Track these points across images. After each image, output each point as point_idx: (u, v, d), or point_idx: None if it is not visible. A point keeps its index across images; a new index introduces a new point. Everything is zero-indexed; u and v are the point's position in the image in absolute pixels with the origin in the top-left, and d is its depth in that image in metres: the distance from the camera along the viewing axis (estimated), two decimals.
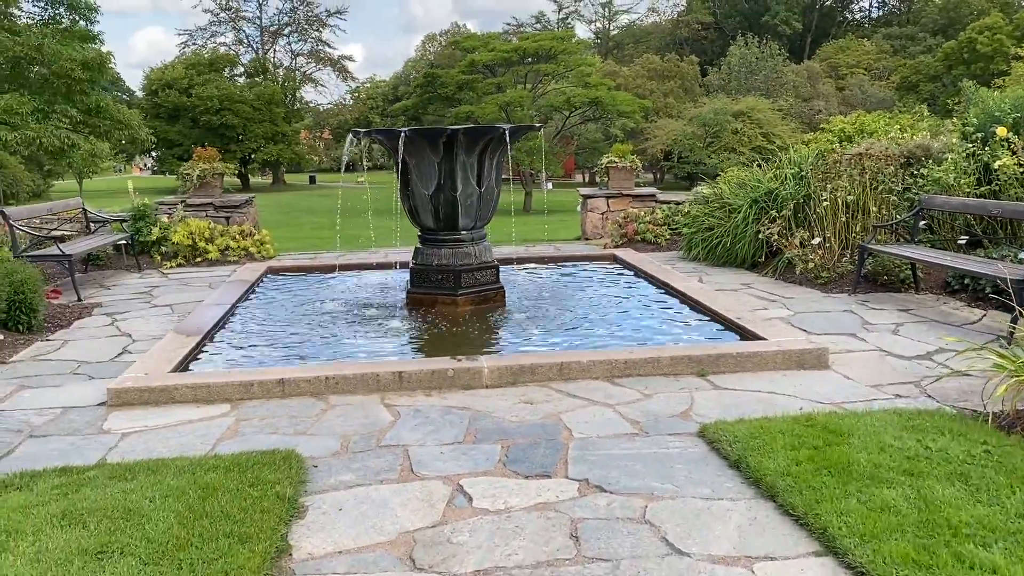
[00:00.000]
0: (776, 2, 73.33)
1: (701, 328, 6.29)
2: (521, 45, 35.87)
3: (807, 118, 52.70)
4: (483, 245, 7.09)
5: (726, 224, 9.32)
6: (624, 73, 58.16)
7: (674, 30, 77.30)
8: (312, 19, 69.69)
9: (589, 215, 13.93)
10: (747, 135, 42.53)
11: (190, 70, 57.48)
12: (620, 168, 14.02)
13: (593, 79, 36.07)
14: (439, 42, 75.55)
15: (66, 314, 7.38)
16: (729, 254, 9.25)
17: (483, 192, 6.85)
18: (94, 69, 21.09)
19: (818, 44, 71.66)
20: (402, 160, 6.77)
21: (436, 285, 6.92)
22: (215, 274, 9.62)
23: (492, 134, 6.60)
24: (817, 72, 60.37)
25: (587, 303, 7.14)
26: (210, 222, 11.02)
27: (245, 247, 10.66)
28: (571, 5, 78.68)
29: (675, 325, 6.40)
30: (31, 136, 19.90)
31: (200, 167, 13.03)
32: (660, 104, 52.81)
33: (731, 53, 61.20)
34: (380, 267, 9.20)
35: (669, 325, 6.40)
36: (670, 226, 11.35)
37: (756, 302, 7.35)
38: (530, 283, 8.26)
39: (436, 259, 6.93)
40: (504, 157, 6.98)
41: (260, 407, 4.72)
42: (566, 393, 4.85)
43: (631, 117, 36.87)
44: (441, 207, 6.80)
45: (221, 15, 68.46)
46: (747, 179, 9.74)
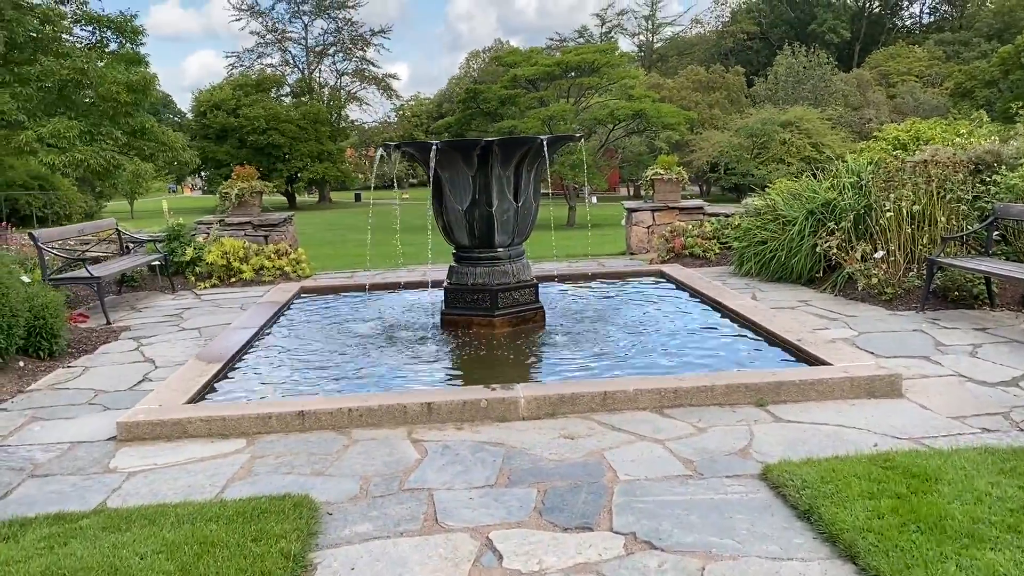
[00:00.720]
0: (823, 10, 72.14)
1: (758, 351, 5.79)
2: (564, 59, 35.51)
3: (857, 127, 51.54)
4: (521, 263, 6.69)
5: (780, 237, 8.79)
6: (668, 85, 57.49)
7: (719, 41, 76.43)
8: (356, 39, 70.30)
9: (634, 229, 13.48)
10: (795, 145, 41.66)
11: (237, 91, 58.36)
12: (666, 180, 13.56)
13: (637, 91, 35.54)
14: (482, 59, 75.75)
15: (92, 338, 7.15)
16: (784, 269, 8.71)
17: (520, 207, 6.46)
18: (139, 91, 21.26)
19: (867, 52, 70.23)
20: (435, 174, 6.42)
21: (472, 306, 6.53)
22: (248, 295, 9.37)
23: (529, 145, 6.21)
24: (867, 80, 59.09)
25: (632, 324, 6.68)
26: (245, 241, 10.80)
27: (280, 266, 10.41)
28: (614, 19, 78.33)
29: (728, 348, 5.90)
30: (79, 158, 20.10)
31: (239, 186, 12.89)
32: (705, 116, 52.04)
33: (778, 63, 60.22)
34: (416, 286, 8.84)
35: (722, 348, 5.91)
36: (719, 240, 10.82)
37: (816, 321, 6.82)
38: (572, 302, 7.83)
39: (471, 278, 6.55)
40: (542, 170, 6.59)
41: (277, 442, 4.36)
42: (610, 426, 4.41)
43: (676, 129, 36.22)
44: (476, 223, 6.42)
45: (268, 36, 69.44)
46: (802, 190, 9.19)
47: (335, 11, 68.97)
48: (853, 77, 59.96)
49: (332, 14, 69.27)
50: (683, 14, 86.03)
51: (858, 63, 67.75)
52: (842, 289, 7.95)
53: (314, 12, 68.99)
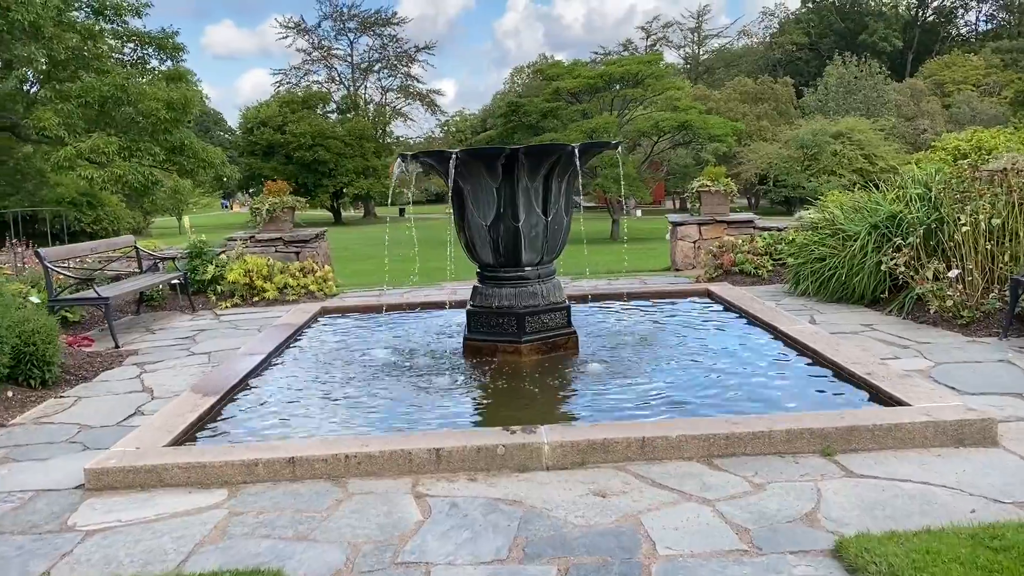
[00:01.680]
0: (874, 20, 70.52)
1: (821, 387, 5.06)
2: (607, 71, 34.82)
3: (911, 138, 50.04)
4: (551, 283, 6.06)
5: (840, 254, 8.01)
6: (715, 97, 56.46)
7: (767, 52, 75.17)
8: (401, 55, 70.61)
9: (679, 244, 12.78)
10: (847, 157, 40.44)
11: (284, 108, 58.96)
12: (713, 192, 12.85)
13: (682, 103, 34.70)
14: (526, 74, 75.45)
15: (94, 364, 6.69)
16: (844, 289, 7.94)
17: (550, 222, 5.83)
18: (178, 109, 21.16)
19: (920, 61, 68.39)
20: (456, 187, 5.83)
21: (496, 330, 5.92)
22: (269, 315, 8.89)
23: (559, 153, 5.59)
24: (921, 90, 57.44)
25: (676, 352, 5.99)
26: (269, 259, 10.34)
27: (305, 285, 9.92)
28: (660, 32, 77.55)
29: (787, 382, 5.18)
30: (117, 174, 20.02)
31: (270, 201, 12.52)
32: (753, 127, 50.92)
33: (828, 73, 58.83)
34: (442, 307, 8.26)
35: (779, 382, 5.19)
36: (772, 256, 10.06)
37: (883, 349, 6.06)
38: (609, 325, 7.15)
39: (496, 300, 5.93)
40: (574, 181, 5.96)
41: (262, 495, 3.78)
42: (649, 481, 3.74)
43: (723, 141, 35.24)
44: (501, 240, 5.81)
45: (314, 54, 70.10)
46: (864, 202, 8.41)
47: (380, 28, 69.42)
48: (906, 87, 58.35)
49: (377, 31, 69.73)
50: (730, 25, 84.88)
51: (911, 72, 66.00)
52: (910, 312, 7.16)
53: (359, 29, 69.50)
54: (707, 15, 78.42)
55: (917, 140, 50.16)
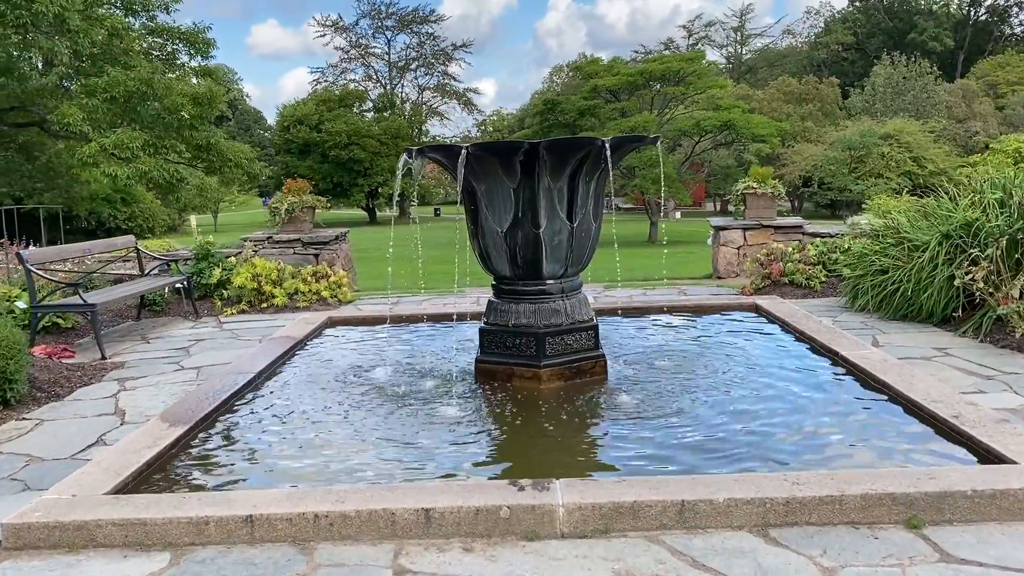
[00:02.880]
0: (924, 19, 68.47)
1: (898, 432, 4.21)
2: (647, 68, 33.88)
3: (962, 140, 48.37)
4: (576, 298, 5.29)
5: (906, 266, 7.12)
6: (758, 96, 55.12)
7: (811, 52, 73.41)
8: (439, 53, 70.21)
9: (722, 249, 11.92)
10: (895, 159, 39.06)
11: (320, 106, 58.98)
12: (759, 195, 11.98)
13: (724, 102, 33.64)
14: (565, 73, 74.60)
15: (72, 379, 6.07)
16: (910, 305, 7.05)
17: (576, 228, 5.07)
18: (204, 104, 20.71)
19: (971, 62, 66.24)
20: (468, 187, 5.10)
21: (512, 352, 5.16)
22: (275, 323, 8.23)
23: (587, 149, 4.82)
24: (973, 91, 55.51)
25: (720, 382, 5.16)
26: (279, 262, 9.69)
27: (317, 290, 9.26)
28: (702, 31, 76.17)
29: (854, 424, 4.34)
30: (143, 170, 19.63)
31: (288, 200, 11.93)
32: (798, 128, 49.55)
33: (876, 73, 57.17)
34: (462, 318, 7.51)
35: (845, 424, 4.35)
36: (825, 266, 9.17)
37: (963, 379, 5.19)
38: (643, 345, 6.34)
39: (512, 317, 5.18)
40: (605, 181, 5.18)
41: (211, 562, 3.08)
42: (689, 560, 2.97)
43: (767, 141, 34.07)
44: (519, 249, 5.05)
45: (351, 52, 69.99)
46: (933, 208, 7.51)
47: (418, 26, 69.09)
48: (957, 88, 56.44)
49: (415, 29, 69.40)
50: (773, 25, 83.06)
51: (962, 73, 63.94)
52: (989, 334, 6.26)
53: (397, 27, 69.22)
54: (750, 14, 76.83)
55: (968, 143, 48.49)
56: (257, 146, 78.68)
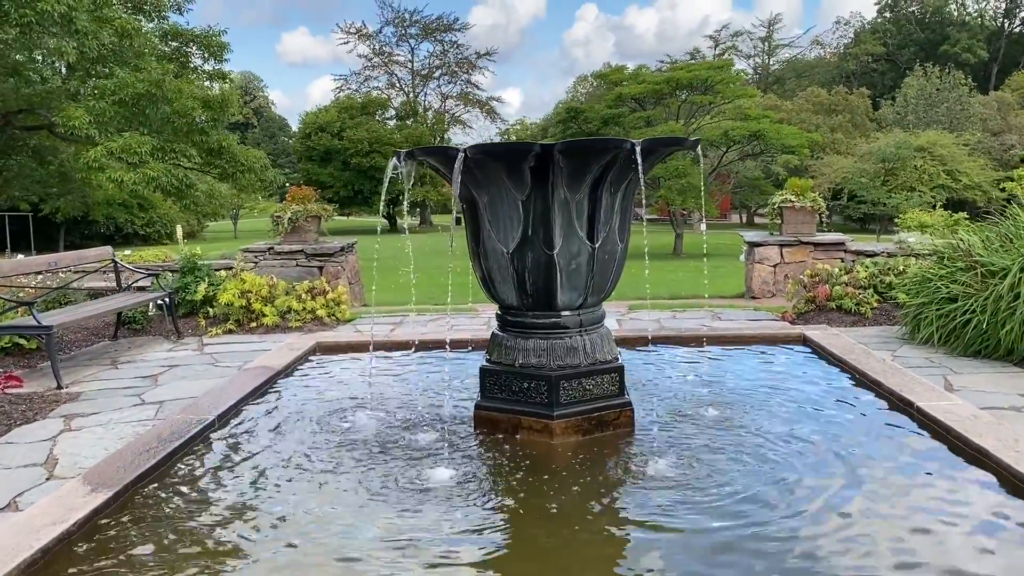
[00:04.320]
0: (956, 30, 66.99)
1: (1013, 524, 3.24)
2: (674, 76, 32.86)
3: (997, 154, 47.00)
4: (598, 334, 4.39)
5: (979, 294, 6.16)
6: (786, 107, 54.03)
7: (840, 63, 72.13)
8: (462, 61, 69.71)
9: (757, 267, 10.99)
10: (928, 172, 37.88)
11: (342, 114, 58.78)
12: (798, 209, 11.04)
13: (753, 111, 32.61)
14: (590, 83, 73.81)
15: (13, 414, 5.25)
16: (985, 340, 6.08)
17: (597, 250, 4.17)
18: (215, 108, 20.04)
19: (1007, 73, 64.61)
20: (467, 196, 4.23)
21: (519, 398, 4.27)
22: (264, 346, 7.40)
23: (612, 153, 3.92)
24: (1009, 103, 54.05)
25: (774, 442, 4.20)
26: (271, 277, 8.86)
27: (312, 309, 8.42)
28: (729, 40, 75.07)
29: (956, 512, 3.34)
30: (151, 175, 18.96)
31: (292, 209, 11.16)
32: (827, 140, 48.39)
33: (907, 84, 55.85)
34: (466, 347, 6.62)
35: (945, 510, 3.36)
36: (877, 290, 8.20)
37: None
38: (677, 386, 5.39)
39: (520, 356, 4.28)
40: (634, 192, 4.29)
41: None
42: None
43: (797, 152, 32.96)
44: (529, 273, 4.17)
45: (375, 60, 69.69)
46: (1010, 228, 6.54)
47: (441, 34, 68.63)
48: (993, 100, 54.99)
49: (439, 37, 68.95)
50: (802, 35, 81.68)
51: (996, 86, 62.38)
52: None
53: (421, 35, 68.78)
54: (778, 24, 75.64)
55: (1003, 156, 47.13)
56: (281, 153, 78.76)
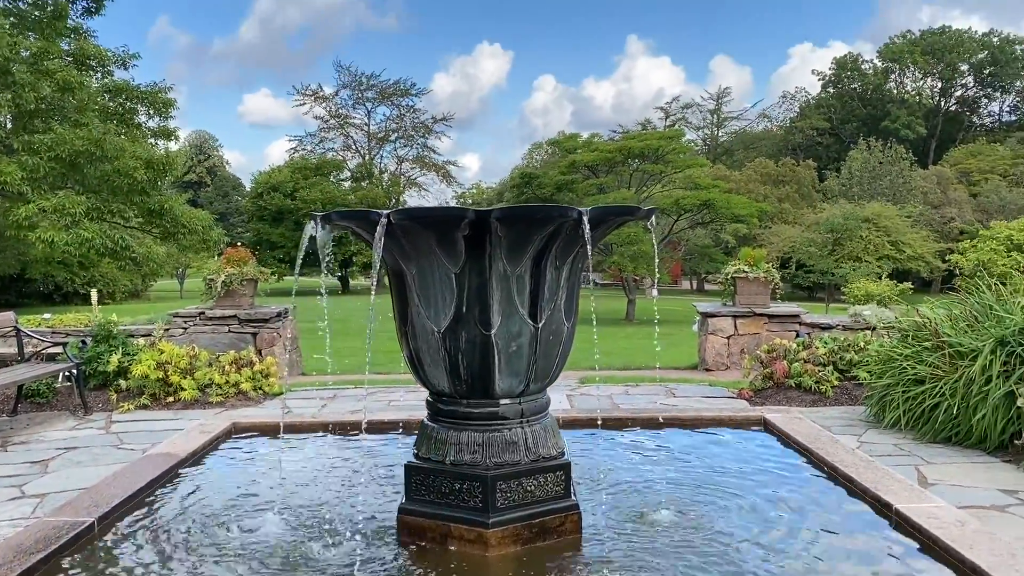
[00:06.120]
0: (896, 107, 69.52)
1: None
2: (626, 144, 33.15)
3: (937, 226, 48.33)
4: (541, 425, 3.86)
5: (948, 376, 5.79)
6: (735, 177, 55.07)
7: (787, 136, 74.22)
8: (419, 126, 70.11)
9: (710, 339, 10.65)
10: (873, 243, 38.68)
11: (296, 174, 58.51)
12: (751, 280, 10.79)
13: (703, 181, 33.02)
14: (545, 150, 74.69)
15: None
16: (956, 425, 5.69)
17: (541, 330, 3.68)
18: (158, 169, 19.36)
19: (944, 149, 67.14)
20: (394, 267, 3.73)
21: (450, 502, 3.70)
22: (179, 424, 6.72)
23: (558, 221, 3.46)
24: (947, 177, 55.94)
25: (746, 552, 3.67)
26: (192, 347, 8.18)
27: (236, 382, 7.75)
28: (679, 112, 76.85)
29: None
30: (84, 236, 18.10)
31: (227, 272, 10.53)
32: (775, 209, 49.30)
33: (852, 157, 57.55)
34: (400, 428, 6.01)
35: None
36: (837, 367, 7.83)
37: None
38: (630, 479, 4.82)
39: (452, 451, 3.72)
40: (582, 264, 3.83)
41: None
42: None
43: (746, 222, 33.35)
44: (462, 356, 3.65)
45: (331, 121, 69.73)
46: (976, 306, 6.23)
47: (399, 98, 69.04)
48: (932, 174, 56.87)
49: (396, 101, 69.33)
50: (749, 108, 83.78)
51: (934, 160, 64.65)
52: None
53: (378, 99, 69.11)
54: (727, 97, 77.71)
55: (944, 228, 48.45)
56: (234, 212, 77.61)
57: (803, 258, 40.09)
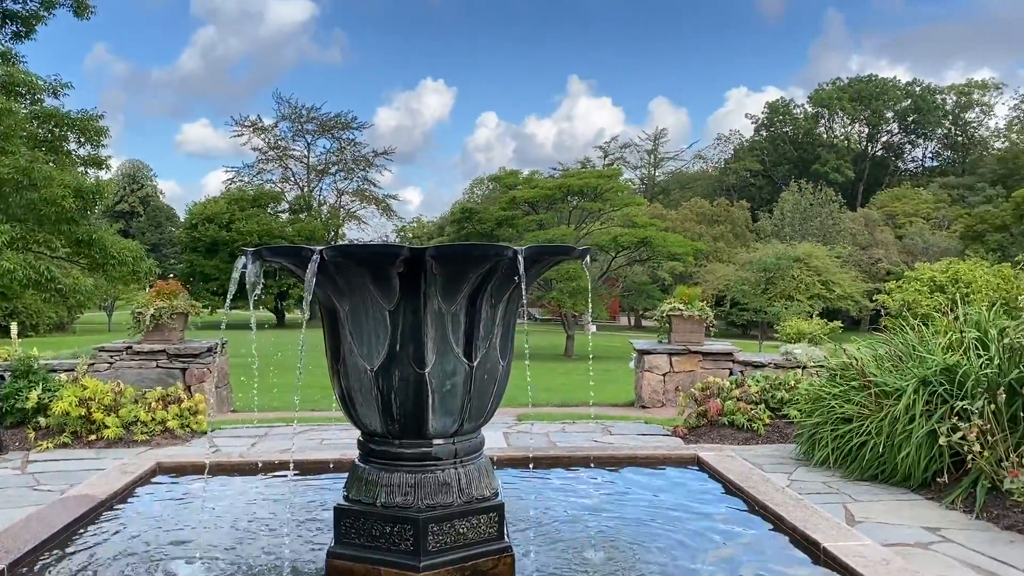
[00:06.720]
0: (826, 151, 72.09)
1: None
2: (565, 182, 33.59)
3: (866, 266, 50.06)
4: (475, 466, 3.81)
5: (875, 415, 5.94)
6: (671, 216, 56.23)
7: (721, 176, 76.23)
8: (359, 159, 69.89)
9: (647, 376, 10.77)
10: (805, 282, 39.81)
11: (232, 205, 57.68)
12: (686, 318, 10.97)
13: (640, 219, 33.64)
14: (486, 185, 75.16)
15: None
16: (882, 463, 5.83)
17: (475, 369, 3.65)
18: (87, 197, 18.78)
19: (871, 192, 69.85)
20: (327, 304, 3.67)
21: (381, 545, 3.61)
22: (101, 464, 6.46)
23: (493, 260, 3.46)
24: (875, 219, 58.10)
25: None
26: (117, 383, 7.91)
27: (162, 420, 7.51)
28: (617, 152, 78.38)
29: None
30: (6, 267, 17.41)
31: (156, 305, 10.25)
32: (710, 248, 50.44)
33: (784, 199, 59.35)
34: (331, 466, 5.88)
35: None
36: (768, 405, 7.97)
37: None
38: (563, 517, 4.83)
39: (383, 493, 3.65)
40: (517, 303, 3.83)
41: None
42: None
43: (682, 260, 34.00)
44: (395, 395, 3.59)
45: (269, 153, 69.08)
46: (900, 347, 6.42)
47: (339, 131, 68.81)
48: (860, 216, 59.00)
49: (336, 134, 69.07)
50: (686, 149, 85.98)
51: (861, 203, 67.10)
52: (987, 508, 5.06)
53: (318, 132, 68.79)
54: (663, 138, 79.60)
55: (871, 269, 50.20)
56: (167, 243, 75.88)
57: (737, 296, 41.01)
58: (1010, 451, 5.07)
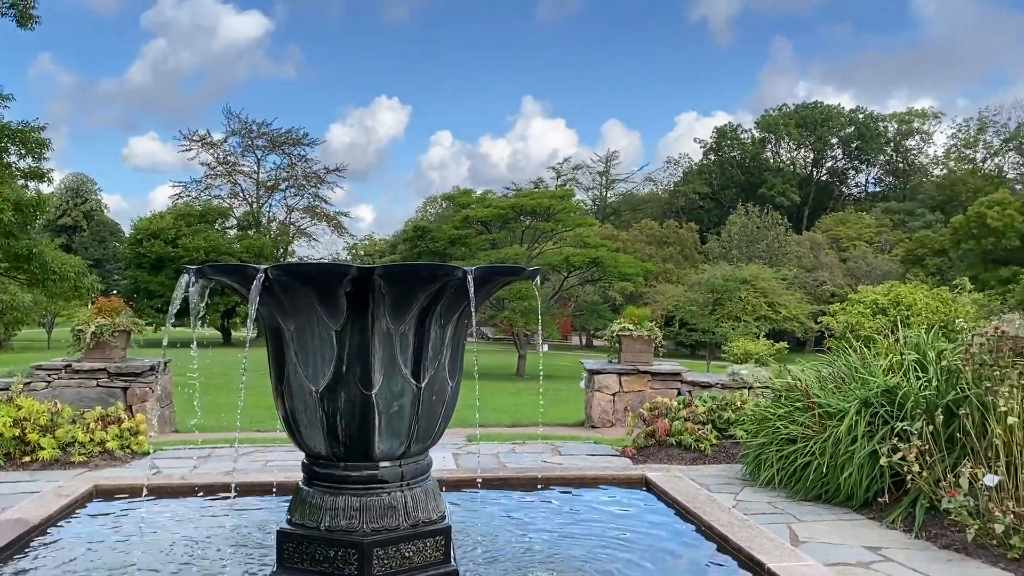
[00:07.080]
0: (772, 175, 73.60)
1: None
2: (518, 202, 33.81)
3: (811, 288, 51.06)
4: (422, 488, 3.77)
5: (818, 436, 6.03)
6: (622, 237, 56.81)
7: (671, 199, 77.27)
8: (310, 175, 69.19)
9: (596, 396, 10.81)
10: (751, 303, 40.45)
11: (179, 221, 56.48)
12: (635, 338, 11.04)
13: (592, 240, 33.96)
14: (439, 204, 75.07)
15: None
16: (825, 484, 5.92)
17: (424, 390, 3.62)
18: (28, 211, 18.32)
19: (816, 216, 71.44)
20: (271, 323, 3.61)
21: (324, 570, 3.54)
22: (35, 487, 6.22)
23: (443, 280, 3.45)
24: (819, 243, 59.37)
25: None
26: (54, 403, 7.68)
27: (101, 440, 7.28)
28: (569, 173, 79.05)
29: None
30: None
31: (97, 322, 9.97)
32: (660, 269, 51.04)
33: (731, 221, 60.33)
34: (275, 490, 5.77)
35: None
36: (715, 425, 8.05)
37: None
38: (512, 542, 4.80)
39: (328, 516, 3.58)
40: (466, 324, 3.81)
41: None
42: None
43: (633, 280, 34.37)
44: (341, 417, 3.54)
45: (218, 168, 68.00)
46: (843, 368, 6.55)
47: (290, 147, 68.11)
48: (806, 239, 60.24)
49: (287, 150, 68.35)
50: (636, 171, 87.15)
51: (807, 226, 68.57)
52: (923, 527, 5.16)
53: (268, 147, 67.99)
54: (615, 160, 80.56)
55: (817, 291, 51.22)
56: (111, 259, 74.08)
57: (686, 317, 41.50)
58: (947, 471, 5.19)
